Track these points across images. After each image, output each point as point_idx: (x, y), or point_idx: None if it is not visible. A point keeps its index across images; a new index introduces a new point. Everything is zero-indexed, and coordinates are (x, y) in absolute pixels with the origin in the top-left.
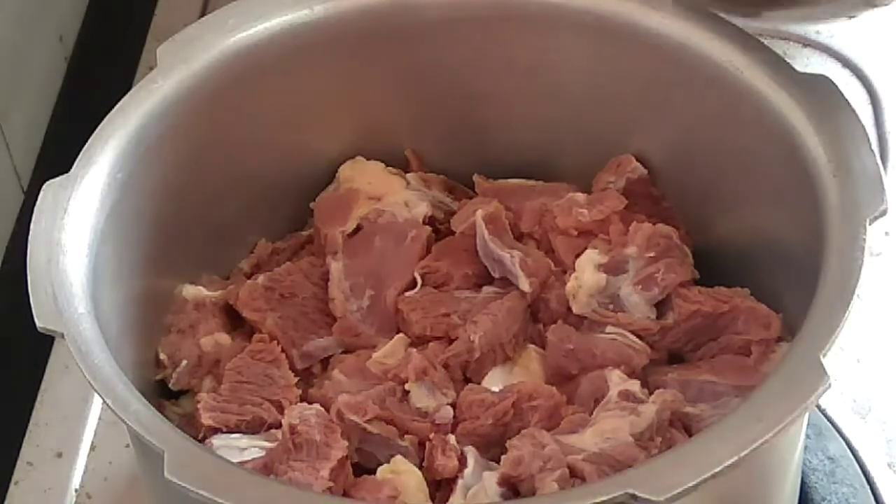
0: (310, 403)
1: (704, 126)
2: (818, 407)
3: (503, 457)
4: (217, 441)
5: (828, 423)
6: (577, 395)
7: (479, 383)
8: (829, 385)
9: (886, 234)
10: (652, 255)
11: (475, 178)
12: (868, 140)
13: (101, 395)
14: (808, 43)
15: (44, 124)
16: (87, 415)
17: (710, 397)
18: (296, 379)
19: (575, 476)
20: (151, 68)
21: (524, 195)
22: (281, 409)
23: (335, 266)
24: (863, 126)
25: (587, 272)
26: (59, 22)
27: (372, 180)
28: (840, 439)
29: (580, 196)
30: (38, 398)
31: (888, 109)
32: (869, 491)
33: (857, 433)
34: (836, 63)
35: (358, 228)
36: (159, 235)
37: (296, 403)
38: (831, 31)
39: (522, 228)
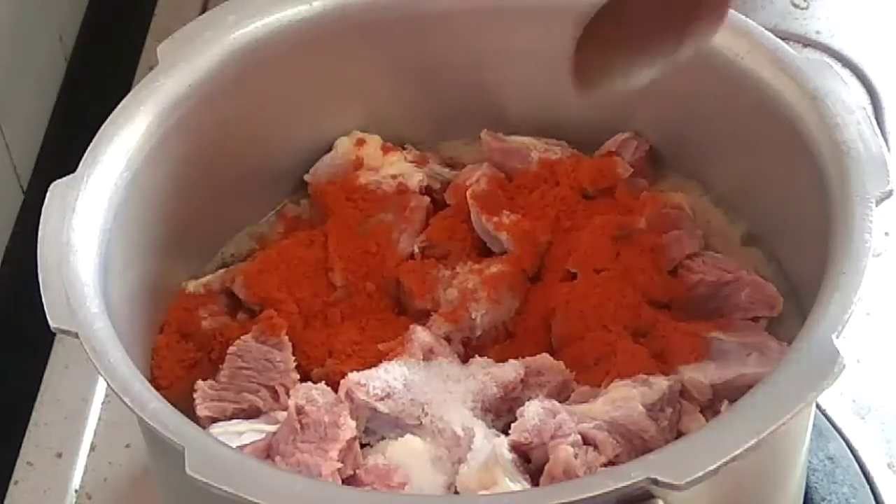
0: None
1: (706, 111)
2: (818, 407)
3: (514, 424)
4: (215, 429)
5: (828, 423)
6: (578, 357)
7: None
8: (844, 365)
9: (886, 234)
10: (662, 226)
11: (483, 134)
12: (870, 122)
13: (118, 395)
14: (808, 43)
15: (44, 124)
16: (87, 415)
17: (717, 355)
18: (295, 363)
19: (587, 444)
20: (151, 68)
21: (528, 157)
22: (276, 397)
23: (335, 235)
24: (864, 109)
25: None
26: (59, 22)
27: (370, 152)
28: (840, 439)
29: (586, 162)
30: (38, 398)
31: (888, 109)
32: (869, 491)
33: (857, 433)
34: (836, 63)
35: (357, 199)
36: (166, 231)
37: (294, 387)
38: (831, 31)
39: (525, 190)
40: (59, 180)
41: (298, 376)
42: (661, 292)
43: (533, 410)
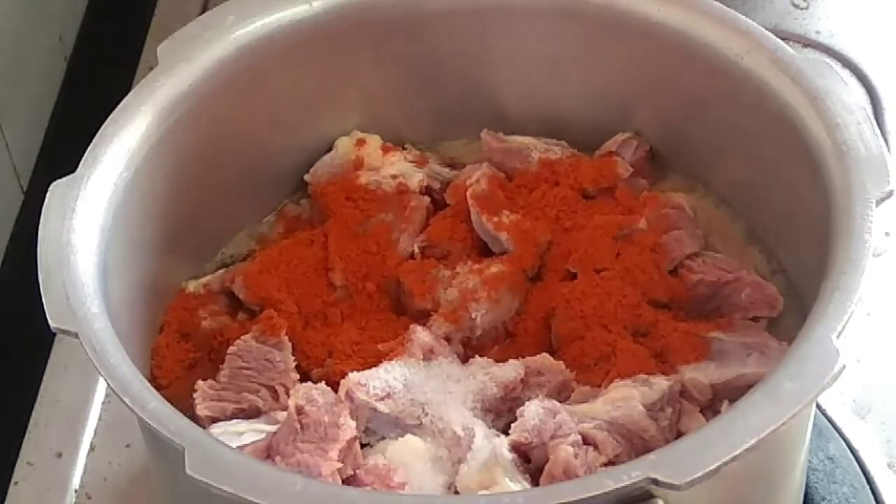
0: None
1: (706, 111)
2: (818, 407)
3: (514, 424)
4: (215, 429)
5: (828, 423)
6: (578, 357)
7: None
8: (844, 366)
9: (887, 234)
10: (662, 226)
11: (483, 134)
12: (870, 122)
13: (118, 395)
14: (808, 43)
15: (44, 124)
16: (87, 415)
17: (717, 355)
18: (295, 363)
19: (587, 443)
20: (151, 68)
21: (528, 157)
22: (276, 397)
23: (335, 235)
24: (864, 109)
25: None
26: (59, 22)
27: (370, 152)
28: (840, 439)
29: (586, 162)
30: (38, 398)
31: (888, 109)
32: (869, 491)
33: (857, 433)
34: (836, 63)
35: (357, 199)
36: (166, 231)
37: (294, 387)
38: (831, 31)
39: (525, 190)
40: (59, 180)
41: (298, 376)
42: (662, 292)
43: (533, 410)
